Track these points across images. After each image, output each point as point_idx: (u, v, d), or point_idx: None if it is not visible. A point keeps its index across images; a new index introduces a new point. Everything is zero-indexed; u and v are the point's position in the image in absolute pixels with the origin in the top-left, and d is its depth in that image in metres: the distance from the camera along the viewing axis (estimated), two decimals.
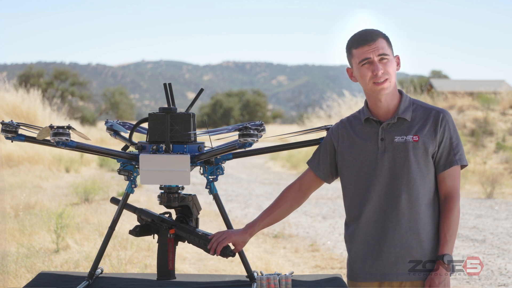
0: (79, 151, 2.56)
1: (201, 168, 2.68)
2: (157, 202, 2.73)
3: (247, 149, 2.48)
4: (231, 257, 2.50)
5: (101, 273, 2.82)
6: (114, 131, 2.98)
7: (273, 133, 4.67)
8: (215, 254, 2.49)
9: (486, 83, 28.33)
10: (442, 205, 2.35)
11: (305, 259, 6.70)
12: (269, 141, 3.32)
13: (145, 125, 2.78)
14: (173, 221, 2.66)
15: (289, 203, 2.54)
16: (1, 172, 12.39)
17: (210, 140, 2.65)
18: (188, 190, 2.92)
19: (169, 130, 2.60)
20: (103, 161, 16.15)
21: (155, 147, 2.59)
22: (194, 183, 11.77)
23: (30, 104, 19.40)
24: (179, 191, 2.68)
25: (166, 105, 2.67)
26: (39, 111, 19.57)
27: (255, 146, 2.52)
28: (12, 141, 2.72)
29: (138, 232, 2.67)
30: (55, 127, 2.42)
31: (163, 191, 2.68)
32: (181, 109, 2.69)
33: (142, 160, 2.56)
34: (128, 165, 2.67)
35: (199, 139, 2.72)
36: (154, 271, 5.14)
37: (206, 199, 9.46)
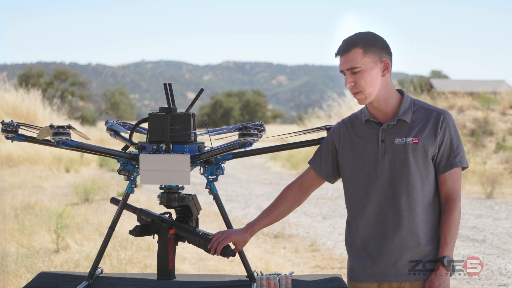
0: (79, 151, 2.56)
1: (201, 168, 2.68)
2: (157, 202, 2.73)
3: (247, 149, 2.47)
4: (231, 256, 2.50)
5: (101, 273, 2.81)
6: (114, 132, 2.98)
7: (273, 133, 4.67)
8: (215, 254, 2.49)
9: (486, 83, 28.34)
10: (442, 207, 2.35)
11: (305, 259, 6.70)
12: (269, 141, 3.32)
13: (145, 125, 2.78)
14: (173, 221, 2.66)
15: (289, 202, 2.54)
16: (1, 172, 12.39)
17: (210, 140, 2.65)
18: (188, 190, 2.92)
19: (169, 130, 2.59)
20: (103, 161, 16.15)
21: (155, 147, 2.59)
22: (194, 183, 11.77)
23: (30, 104, 19.42)
24: (179, 191, 2.68)
25: (166, 105, 2.67)
26: (39, 111, 19.59)
27: (255, 146, 2.51)
28: (12, 141, 2.72)
29: (138, 232, 2.67)
30: (55, 127, 2.42)
31: (163, 191, 2.68)
32: (181, 109, 2.68)
33: (142, 160, 2.55)
34: (128, 165, 2.67)
35: (199, 139, 2.72)
36: (154, 271, 5.15)
37: (206, 199, 9.46)
